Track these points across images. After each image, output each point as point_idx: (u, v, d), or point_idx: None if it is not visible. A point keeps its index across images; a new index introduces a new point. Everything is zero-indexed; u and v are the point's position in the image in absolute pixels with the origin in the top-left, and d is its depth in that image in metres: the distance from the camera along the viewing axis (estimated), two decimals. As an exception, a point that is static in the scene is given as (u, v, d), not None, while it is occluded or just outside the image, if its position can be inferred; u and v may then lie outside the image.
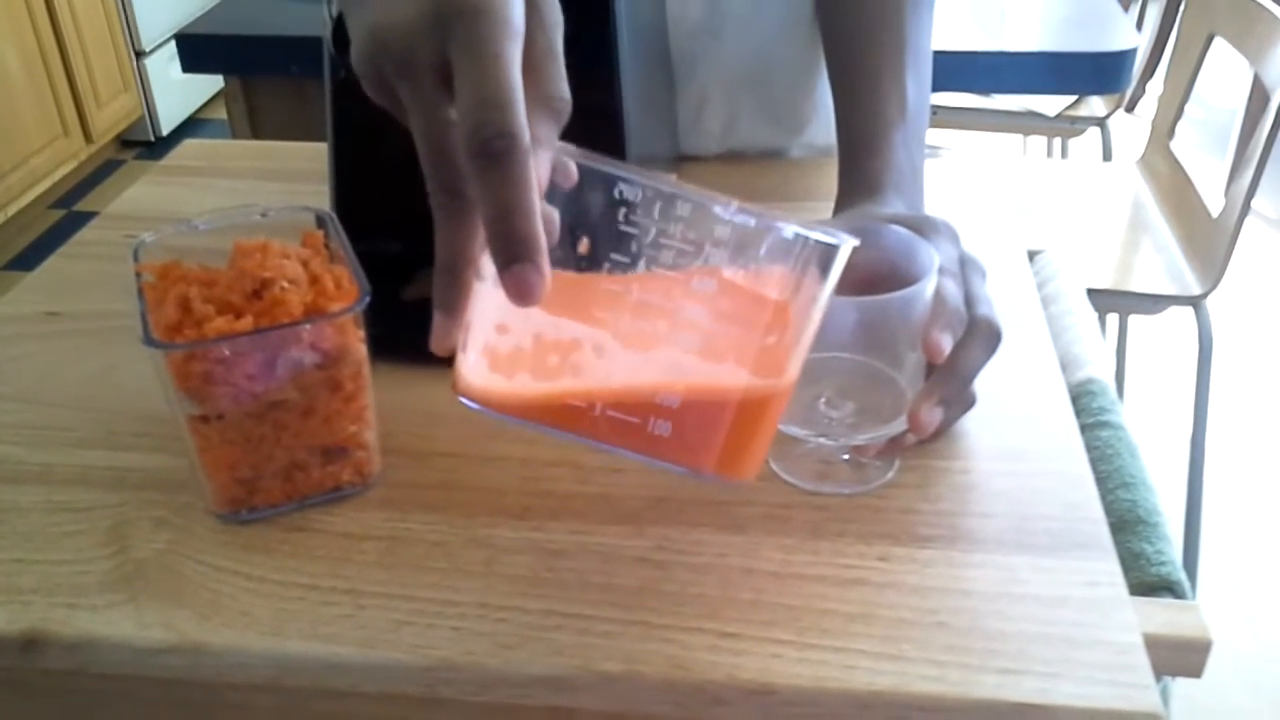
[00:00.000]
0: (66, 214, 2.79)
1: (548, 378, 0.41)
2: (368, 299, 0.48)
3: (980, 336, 0.50)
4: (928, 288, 0.48)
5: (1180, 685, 0.40)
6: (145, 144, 3.15)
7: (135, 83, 3.04)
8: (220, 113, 3.36)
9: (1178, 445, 1.54)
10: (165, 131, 3.16)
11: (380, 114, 0.62)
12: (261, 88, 1.18)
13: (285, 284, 0.48)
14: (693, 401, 0.40)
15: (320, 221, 0.55)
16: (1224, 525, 1.73)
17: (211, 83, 3.41)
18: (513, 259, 0.37)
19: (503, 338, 0.41)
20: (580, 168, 0.40)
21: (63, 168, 2.78)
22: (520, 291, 0.37)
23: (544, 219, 0.38)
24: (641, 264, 0.39)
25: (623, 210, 0.39)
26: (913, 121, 0.66)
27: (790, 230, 0.39)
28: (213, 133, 3.24)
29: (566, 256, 0.40)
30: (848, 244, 0.40)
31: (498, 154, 0.37)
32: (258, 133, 1.21)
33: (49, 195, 2.79)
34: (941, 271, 0.50)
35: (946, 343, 0.48)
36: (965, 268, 0.53)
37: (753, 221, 0.39)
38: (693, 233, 0.39)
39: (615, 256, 0.40)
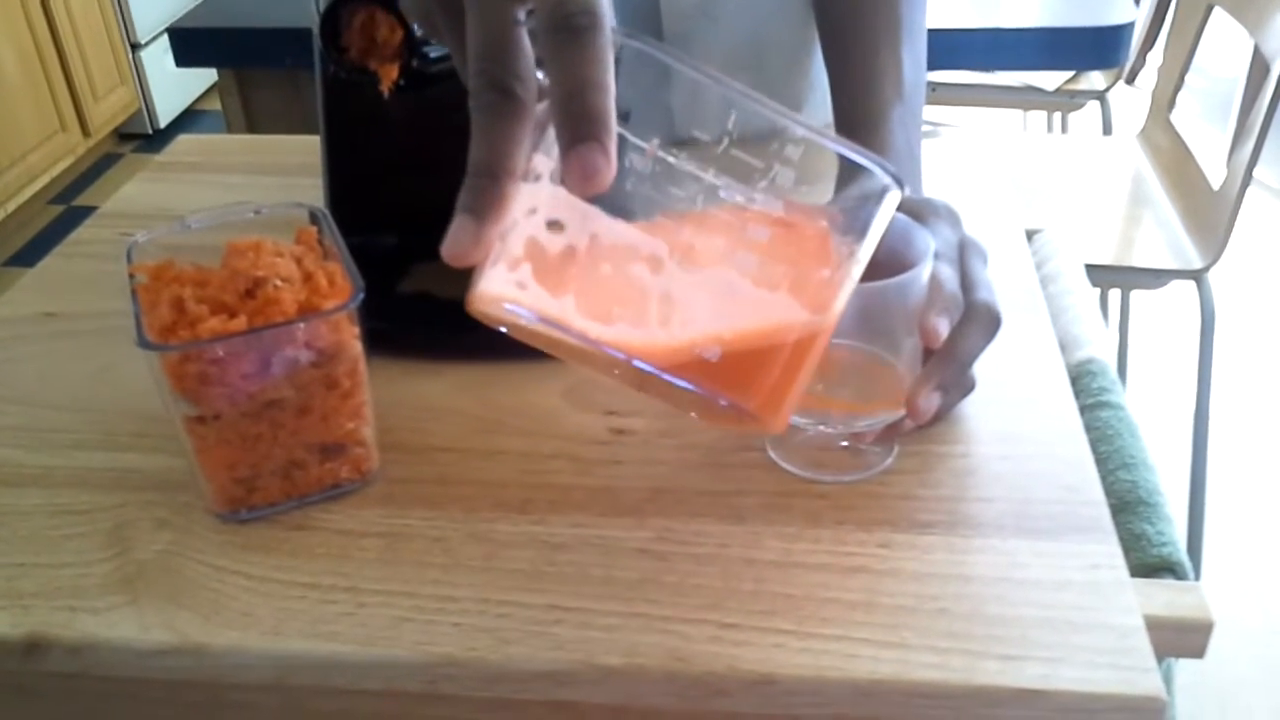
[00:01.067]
0: (66, 209, 2.79)
1: (597, 290, 0.38)
2: (361, 295, 0.48)
3: (979, 321, 0.50)
4: (924, 273, 0.48)
5: (1186, 661, 0.40)
6: (143, 137, 3.14)
7: (131, 75, 3.03)
8: (218, 105, 3.35)
9: (1180, 420, 1.54)
10: (163, 124, 3.15)
11: (372, 109, 0.62)
12: (256, 80, 1.18)
13: (278, 282, 0.47)
14: (746, 333, 0.38)
15: (314, 218, 0.54)
16: (1228, 501, 1.73)
17: (208, 74, 3.39)
18: (582, 137, 0.35)
19: (555, 236, 0.38)
20: (654, 59, 0.38)
21: (61, 163, 2.78)
22: (585, 173, 0.35)
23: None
24: (710, 173, 0.38)
25: (700, 111, 0.38)
26: (909, 100, 0.66)
27: (858, 159, 0.39)
28: (211, 124, 3.23)
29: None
30: (897, 192, 0.39)
31: (581, 29, 0.35)
32: (253, 125, 1.21)
33: (48, 191, 2.79)
34: (938, 256, 0.50)
35: (943, 327, 0.48)
36: (966, 251, 0.53)
37: (828, 144, 0.38)
38: (762, 150, 0.38)
39: (686, 166, 0.38)
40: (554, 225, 0.38)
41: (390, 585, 0.47)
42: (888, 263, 0.50)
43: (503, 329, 0.40)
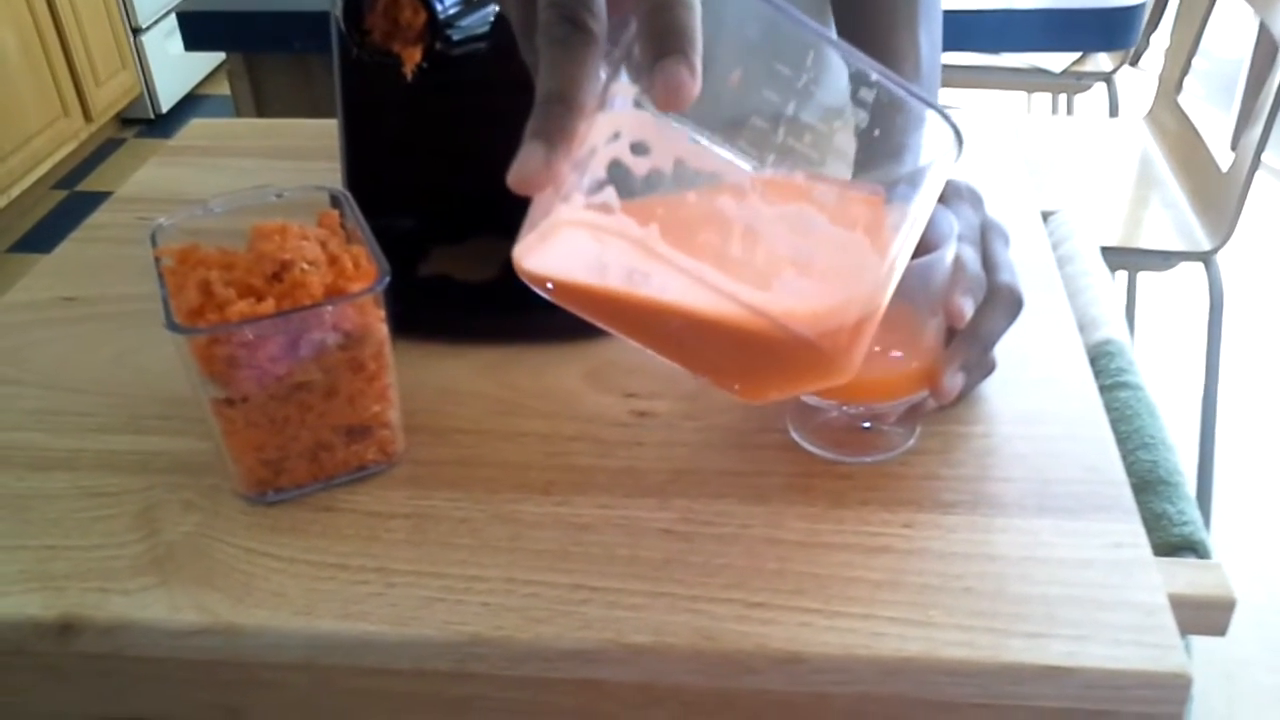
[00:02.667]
0: (69, 194, 2.78)
1: (681, 218, 0.37)
2: (388, 278, 0.48)
3: (1001, 302, 0.50)
4: (947, 254, 0.48)
5: (1195, 640, 0.40)
6: (145, 122, 3.13)
7: (133, 60, 3.02)
8: (221, 88, 3.34)
9: (1189, 402, 1.54)
10: (165, 108, 3.14)
11: (392, 91, 0.62)
12: (265, 64, 1.18)
13: (305, 265, 0.48)
14: (825, 268, 0.38)
15: (335, 200, 0.55)
16: (1236, 481, 1.73)
17: (210, 58, 3.39)
18: (668, 50, 0.34)
19: (640, 159, 0.37)
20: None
21: (64, 148, 2.77)
22: (670, 86, 0.34)
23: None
24: (791, 105, 0.37)
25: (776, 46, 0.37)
26: (927, 81, 0.66)
27: (924, 111, 0.39)
28: (213, 108, 3.23)
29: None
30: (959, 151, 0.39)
31: None
32: (262, 110, 1.21)
33: (51, 176, 2.78)
34: (961, 238, 0.50)
35: (968, 308, 0.49)
36: (988, 233, 0.53)
37: (901, 92, 0.38)
38: (838, 90, 0.38)
39: (767, 94, 0.37)
40: (638, 148, 0.37)
41: (419, 566, 0.47)
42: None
43: (548, 288, 0.39)
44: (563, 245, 0.38)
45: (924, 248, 0.49)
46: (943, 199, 0.52)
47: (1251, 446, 1.82)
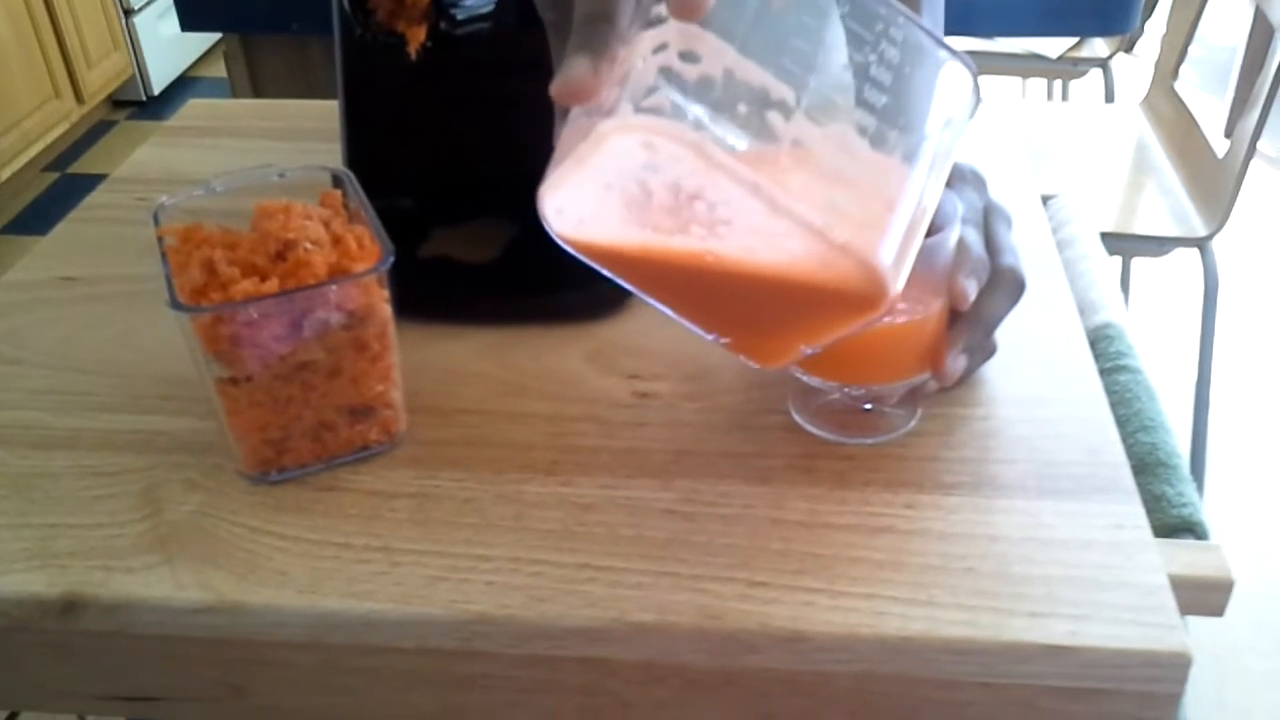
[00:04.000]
0: (60, 176, 2.77)
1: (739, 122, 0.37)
2: (392, 258, 0.48)
3: (1004, 285, 0.51)
4: (951, 237, 0.48)
5: (1186, 624, 0.41)
6: (137, 104, 3.11)
7: (125, 41, 3.00)
8: (213, 71, 3.33)
9: (1182, 388, 1.55)
10: (157, 91, 3.12)
11: (394, 71, 0.62)
12: (262, 46, 1.17)
13: (309, 245, 0.48)
14: (869, 187, 0.39)
15: (337, 180, 0.54)
16: (1228, 468, 1.74)
17: (202, 41, 3.37)
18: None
19: (689, 66, 0.36)
20: None
21: (55, 130, 2.75)
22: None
23: None
24: (830, 29, 0.38)
25: None
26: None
27: (948, 59, 0.40)
28: (205, 91, 3.21)
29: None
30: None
31: None
32: (259, 92, 1.20)
33: (42, 158, 2.77)
34: (964, 220, 0.50)
35: (972, 289, 0.49)
36: (991, 216, 0.53)
37: (923, 39, 0.40)
38: (871, 26, 0.39)
39: (805, 19, 0.38)
40: (687, 56, 0.36)
41: (422, 545, 0.47)
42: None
43: (574, 232, 0.39)
44: (597, 177, 0.38)
45: (928, 229, 0.49)
46: (947, 183, 0.52)
47: (1244, 432, 1.83)
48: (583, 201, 0.39)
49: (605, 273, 0.41)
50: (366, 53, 0.58)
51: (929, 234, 0.48)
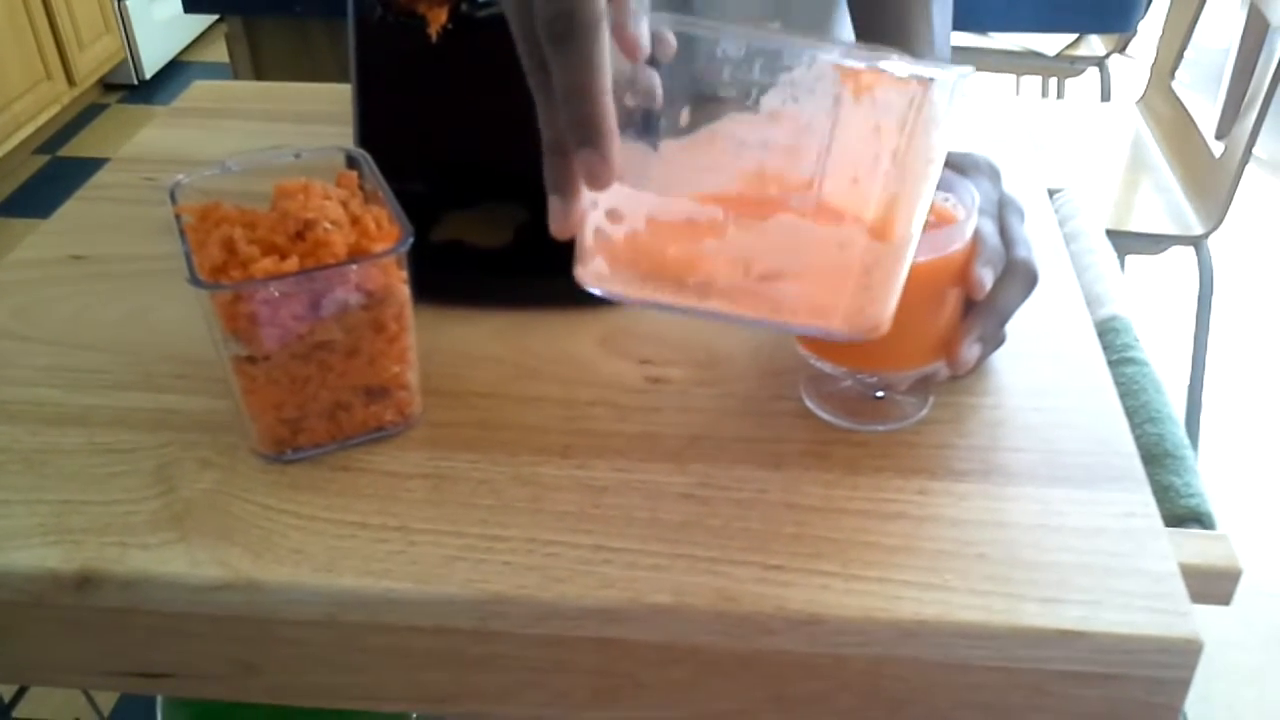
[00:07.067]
0: (51, 159, 2.75)
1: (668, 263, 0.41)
2: (411, 239, 0.48)
3: (1019, 276, 0.51)
4: (968, 226, 0.49)
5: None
6: (129, 88, 3.10)
7: (117, 24, 2.98)
8: (205, 55, 3.31)
9: (1176, 386, 1.56)
10: (149, 74, 3.11)
11: (406, 55, 0.62)
12: (264, 28, 1.17)
13: (329, 225, 0.48)
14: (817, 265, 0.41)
15: (353, 161, 0.54)
16: (1220, 464, 1.76)
17: (195, 25, 3.35)
18: (579, 143, 0.38)
19: (616, 226, 0.41)
20: (679, 35, 0.40)
21: (46, 112, 2.74)
22: (588, 176, 0.38)
23: (643, 87, 0.38)
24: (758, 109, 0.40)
25: (728, 68, 0.39)
26: (939, 54, 0.66)
27: (902, 70, 0.39)
28: (197, 75, 3.19)
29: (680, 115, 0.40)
30: (951, 76, 0.40)
31: (559, 35, 0.37)
32: (260, 75, 1.20)
33: (32, 140, 2.75)
34: (980, 211, 0.50)
35: (988, 279, 0.49)
36: (1005, 208, 0.54)
37: (862, 64, 0.39)
38: (801, 83, 0.39)
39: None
40: (613, 214, 0.41)
41: (439, 525, 0.47)
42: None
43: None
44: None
45: (946, 217, 0.50)
46: (962, 172, 0.52)
47: (1236, 430, 1.85)
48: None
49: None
50: (383, 34, 0.57)
51: (946, 221, 0.49)
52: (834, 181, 0.40)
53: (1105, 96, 1.92)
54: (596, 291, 0.43)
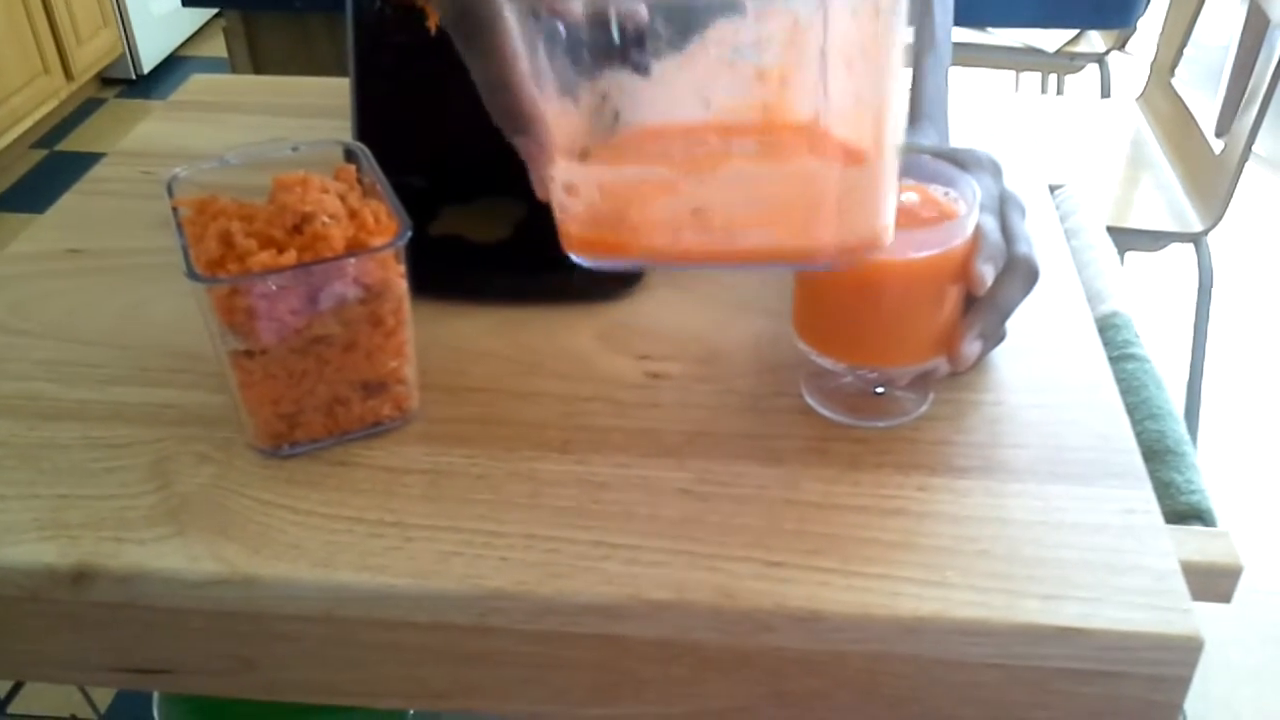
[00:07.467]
0: (48, 154, 2.74)
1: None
2: (409, 233, 0.48)
3: (1020, 273, 0.51)
4: (970, 222, 0.49)
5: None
6: (127, 82, 3.09)
7: (115, 18, 2.97)
8: (202, 50, 3.30)
9: (1176, 382, 1.56)
10: (147, 69, 3.10)
11: (404, 49, 0.62)
12: (262, 22, 1.16)
13: (327, 219, 0.47)
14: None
15: (351, 155, 0.54)
16: (1219, 462, 1.76)
17: (193, 20, 3.34)
18: (509, 131, 0.41)
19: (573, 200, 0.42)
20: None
21: (43, 107, 2.73)
22: (526, 160, 0.41)
23: (624, 10, 0.38)
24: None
25: None
26: (940, 48, 0.66)
27: None
28: (195, 70, 3.18)
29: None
30: None
31: (465, 36, 0.40)
32: (259, 68, 1.19)
33: (30, 135, 2.74)
34: (982, 207, 0.50)
35: (989, 275, 0.49)
36: (1005, 204, 0.53)
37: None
38: None
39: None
40: (569, 189, 0.42)
41: (436, 520, 0.47)
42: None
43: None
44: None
45: (947, 213, 0.49)
46: (963, 168, 0.52)
47: (1234, 428, 1.84)
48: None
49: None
50: (381, 27, 0.57)
51: (948, 216, 0.49)
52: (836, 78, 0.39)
53: (1105, 93, 1.92)
54: (584, 262, 0.42)
